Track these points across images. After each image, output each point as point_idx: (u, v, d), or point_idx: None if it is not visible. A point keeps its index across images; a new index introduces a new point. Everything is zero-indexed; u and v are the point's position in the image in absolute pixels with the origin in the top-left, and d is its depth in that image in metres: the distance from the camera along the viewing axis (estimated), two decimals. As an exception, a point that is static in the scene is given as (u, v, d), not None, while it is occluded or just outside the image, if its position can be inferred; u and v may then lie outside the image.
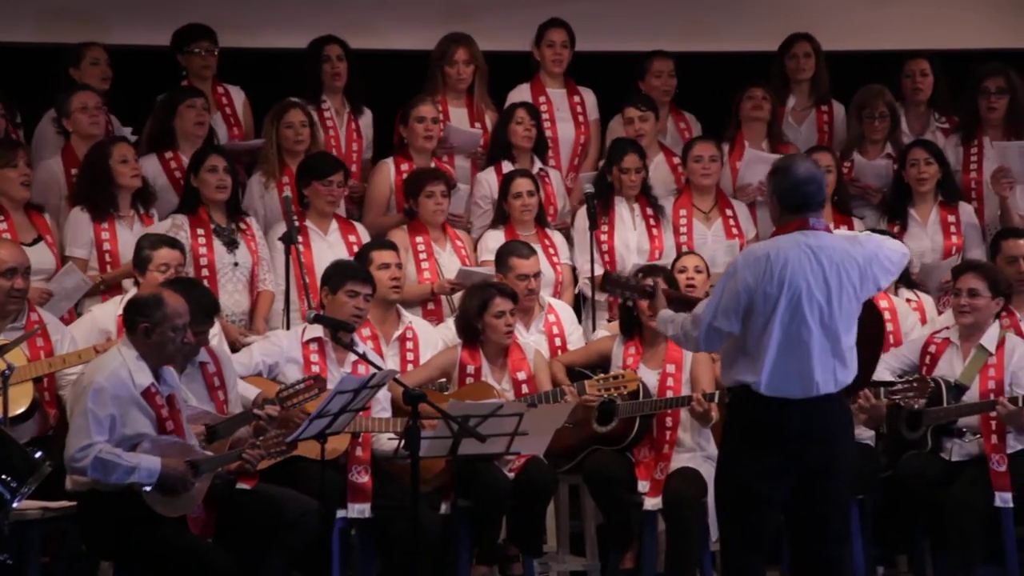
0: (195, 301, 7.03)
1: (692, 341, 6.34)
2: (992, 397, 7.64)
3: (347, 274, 7.72)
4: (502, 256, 8.25)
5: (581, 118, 9.37)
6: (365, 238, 8.56)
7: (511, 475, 7.62)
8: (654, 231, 8.84)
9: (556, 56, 9.32)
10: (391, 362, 7.90)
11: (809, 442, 6.18)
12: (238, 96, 9.18)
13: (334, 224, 8.55)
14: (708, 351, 6.62)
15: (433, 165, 8.88)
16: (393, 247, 8.23)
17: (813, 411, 6.17)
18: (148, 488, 6.62)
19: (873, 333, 6.41)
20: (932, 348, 7.90)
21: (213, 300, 7.39)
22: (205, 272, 8.21)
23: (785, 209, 6.28)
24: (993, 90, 9.05)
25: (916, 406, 7.64)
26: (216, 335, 7.70)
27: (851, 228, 8.67)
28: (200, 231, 8.28)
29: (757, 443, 6.20)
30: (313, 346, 7.61)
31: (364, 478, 7.47)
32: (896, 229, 8.73)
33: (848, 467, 6.31)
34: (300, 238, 8.30)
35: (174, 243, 7.86)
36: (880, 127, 9.11)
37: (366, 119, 9.26)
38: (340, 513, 7.42)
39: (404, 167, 8.85)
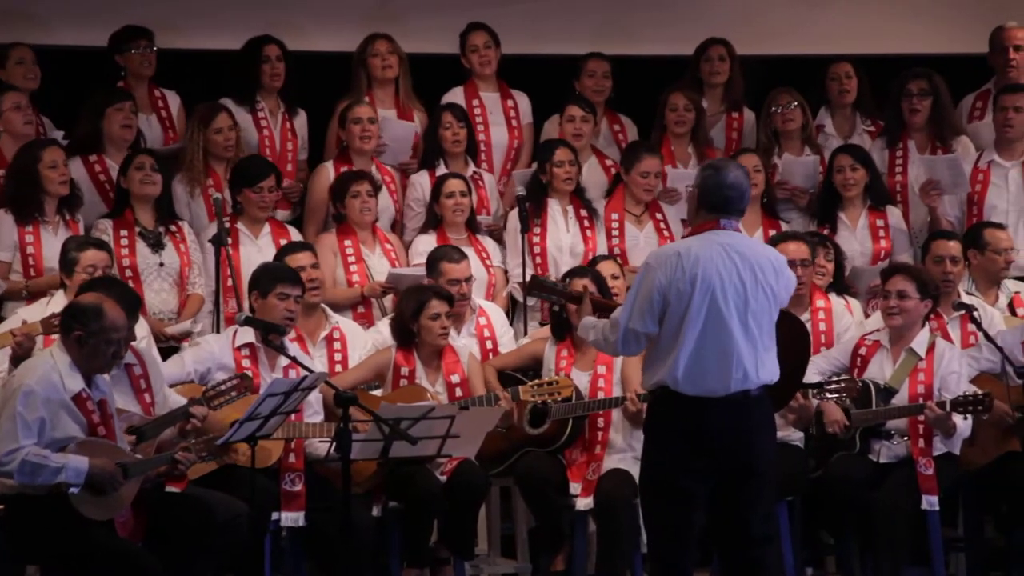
0: (117, 299, 6.96)
1: (611, 346, 6.35)
2: (921, 401, 7.71)
3: (276, 277, 7.69)
4: (433, 261, 8.23)
5: (515, 122, 9.37)
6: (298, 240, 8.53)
7: (443, 478, 7.61)
8: (588, 232, 8.85)
9: (482, 59, 9.31)
10: (318, 363, 7.88)
11: (729, 440, 6.19)
12: (174, 101, 9.13)
13: (266, 227, 8.52)
14: (627, 355, 6.61)
15: (373, 167, 8.85)
16: (308, 248, 8.20)
17: (732, 409, 6.18)
18: (75, 489, 6.55)
19: (799, 346, 6.43)
20: (862, 350, 7.95)
21: (136, 297, 7.33)
22: (129, 273, 8.16)
23: (703, 206, 6.31)
24: (916, 92, 9.13)
25: (839, 427, 7.69)
26: (144, 337, 7.64)
27: (779, 231, 8.74)
28: (124, 233, 8.23)
29: (677, 442, 6.20)
30: (245, 351, 7.57)
31: (298, 486, 7.44)
32: (826, 231, 8.79)
33: (770, 468, 6.32)
34: (229, 240, 8.26)
35: (101, 244, 7.82)
36: (791, 115, 9.14)
37: (301, 119, 9.23)
38: (272, 517, 7.37)
39: (344, 170, 8.78)
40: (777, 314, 6.29)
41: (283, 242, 8.44)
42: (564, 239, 8.84)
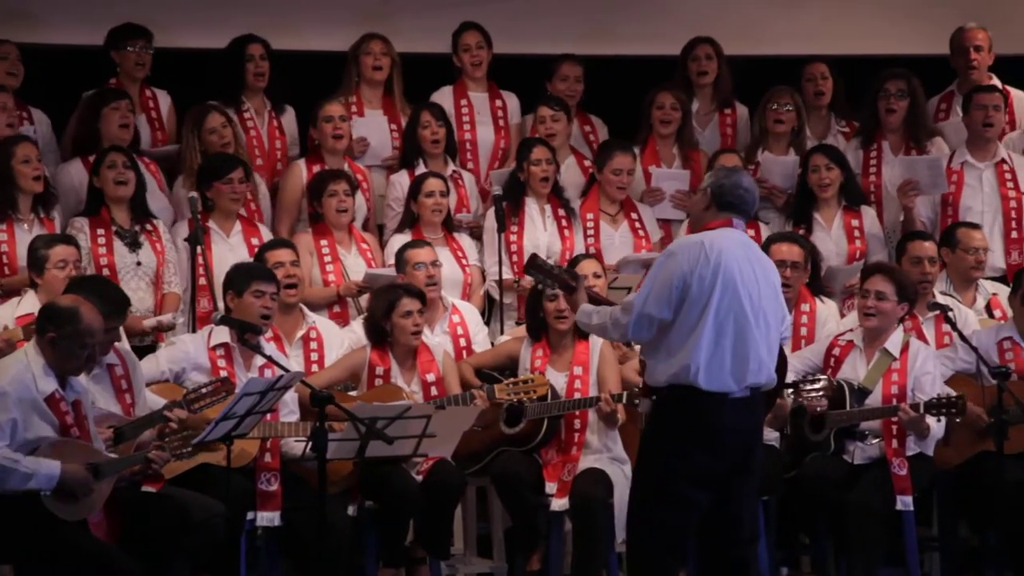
0: (105, 297, 6.97)
1: (621, 328, 6.28)
2: (895, 402, 7.72)
3: (251, 275, 7.68)
4: (398, 254, 8.25)
5: (501, 122, 9.38)
6: (269, 239, 8.51)
7: (419, 477, 7.61)
8: (566, 232, 8.86)
9: (474, 59, 9.32)
10: (295, 362, 7.86)
11: (735, 439, 6.22)
12: (164, 100, 9.11)
13: (237, 226, 8.50)
14: (636, 340, 6.48)
15: (346, 166, 8.84)
16: (288, 245, 8.20)
17: (745, 408, 6.21)
18: (47, 492, 6.52)
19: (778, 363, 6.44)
20: (836, 351, 7.96)
21: (123, 296, 7.33)
22: (106, 272, 8.14)
23: (715, 203, 6.33)
24: (894, 91, 9.16)
25: (820, 408, 7.71)
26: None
27: (757, 232, 8.75)
28: (100, 231, 8.22)
29: (688, 443, 6.18)
30: (220, 351, 7.55)
31: (273, 486, 7.42)
32: (801, 232, 8.81)
33: (760, 467, 6.38)
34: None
35: (69, 239, 7.83)
36: (785, 117, 9.14)
37: (288, 117, 9.23)
38: (248, 516, 7.36)
39: (316, 169, 8.79)
40: (781, 317, 6.34)
41: (254, 240, 8.44)
42: (541, 238, 8.84)
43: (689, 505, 6.21)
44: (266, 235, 8.56)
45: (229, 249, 8.38)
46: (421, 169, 8.89)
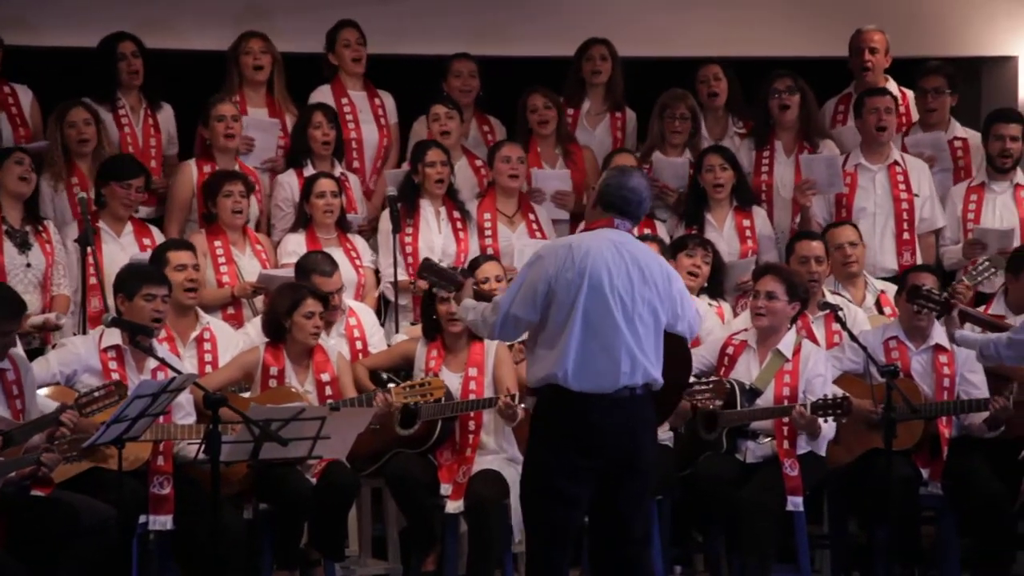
0: (1, 301, 6.87)
1: (488, 327, 6.37)
2: (786, 402, 7.79)
3: (142, 278, 7.62)
4: (303, 271, 8.15)
5: (383, 120, 9.36)
6: (161, 240, 8.44)
7: (313, 479, 7.58)
8: (460, 234, 8.87)
9: (356, 54, 9.29)
10: (188, 363, 7.82)
11: (615, 438, 6.24)
12: (25, 96, 8.99)
13: (128, 226, 8.45)
14: (502, 339, 6.63)
15: (237, 167, 8.79)
16: (190, 247, 8.15)
17: (616, 407, 6.22)
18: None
19: (679, 359, 6.47)
20: (730, 350, 8.03)
21: (19, 300, 7.23)
22: (-7, 273, 8.07)
23: (600, 203, 6.37)
24: (783, 89, 9.24)
25: (712, 407, 7.78)
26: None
27: (653, 231, 8.82)
28: (-10, 231, 8.14)
29: (565, 443, 6.23)
30: (111, 353, 7.49)
31: (166, 489, 7.37)
32: (694, 231, 8.88)
33: (651, 467, 6.38)
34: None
35: None
36: (681, 128, 9.23)
37: (165, 114, 9.15)
38: (140, 520, 7.31)
39: (207, 168, 8.75)
40: (665, 317, 6.34)
41: (146, 241, 8.38)
42: (436, 240, 8.84)
43: (570, 501, 6.24)
44: (157, 236, 8.50)
45: (120, 249, 8.32)
46: (309, 170, 8.87)
